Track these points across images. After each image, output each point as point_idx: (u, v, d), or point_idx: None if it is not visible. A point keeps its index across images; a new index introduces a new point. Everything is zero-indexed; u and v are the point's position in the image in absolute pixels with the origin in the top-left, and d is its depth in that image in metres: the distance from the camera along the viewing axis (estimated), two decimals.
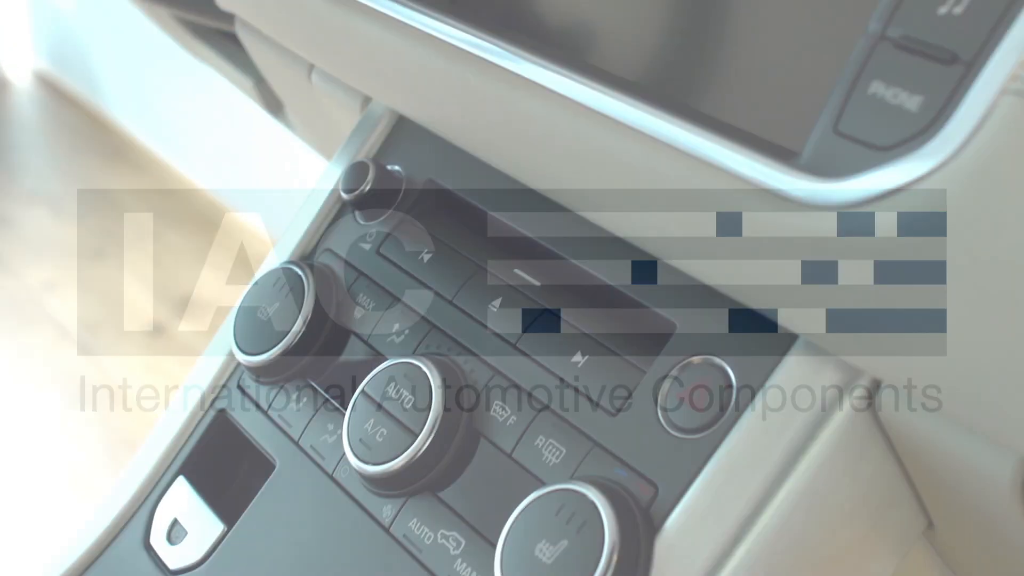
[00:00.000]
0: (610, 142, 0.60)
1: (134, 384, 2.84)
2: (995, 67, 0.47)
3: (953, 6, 0.50)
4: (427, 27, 0.70)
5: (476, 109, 0.68)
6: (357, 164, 0.77)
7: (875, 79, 0.51)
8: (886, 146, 0.50)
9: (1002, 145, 0.46)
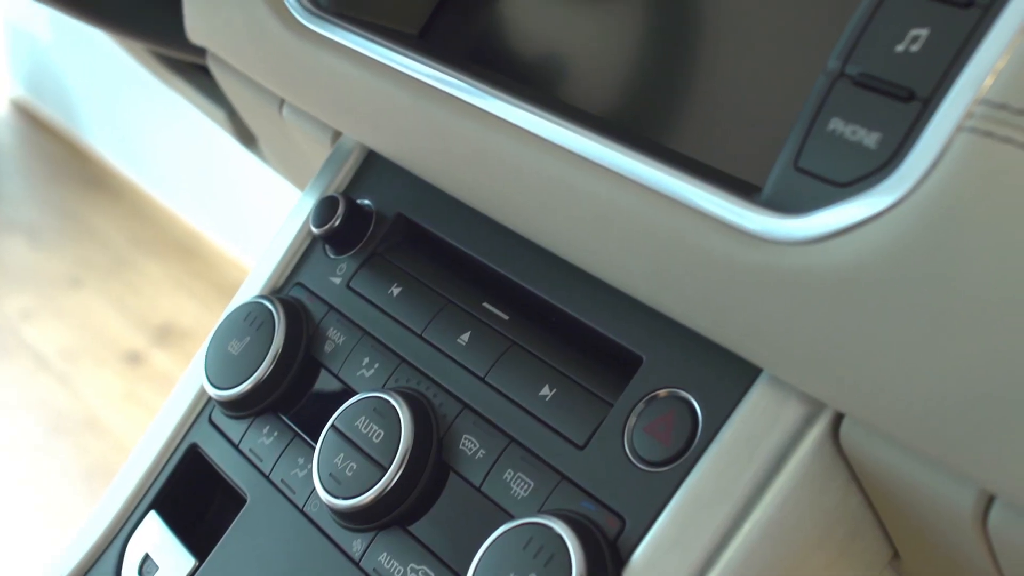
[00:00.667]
0: (574, 177, 0.60)
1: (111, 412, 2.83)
2: (951, 104, 0.48)
3: (910, 44, 0.50)
4: (395, 63, 0.71)
5: (443, 144, 0.68)
6: (327, 199, 0.78)
7: (834, 116, 0.52)
8: (845, 182, 0.51)
9: (958, 182, 0.46)
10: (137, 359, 3.02)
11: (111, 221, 3.60)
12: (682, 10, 0.67)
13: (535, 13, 0.75)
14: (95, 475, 2.66)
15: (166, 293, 3.26)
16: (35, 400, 2.91)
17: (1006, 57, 0.47)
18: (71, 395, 2.91)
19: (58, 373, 2.99)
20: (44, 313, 3.22)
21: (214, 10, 0.87)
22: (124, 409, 2.85)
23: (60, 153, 4.03)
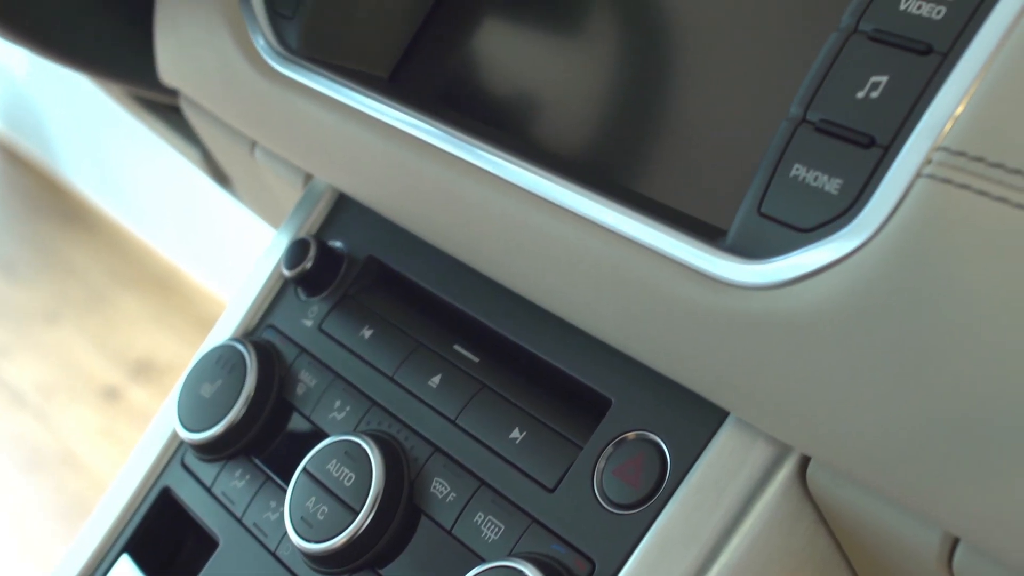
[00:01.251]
0: (542, 222, 0.61)
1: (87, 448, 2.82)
2: (910, 151, 0.48)
3: (870, 91, 0.51)
4: (364, 107, 0.71)
5: (413, 188, 0.69)
6: (299, 242, 0.78)
7: (796, 162, 0.53)
8: (807, 228, 0.51)
9: (917, 228, 0.47)
10: (114, 395, 3.01)
11: (88, 256, 3.59)
12: (650, 54, 0.68)
13: (505, 55, 0.75)
14: (72, 512, 2.65)
15: (144, 328, 3.25)
16: (11, 436, 2.89)
17: (964, 104, 0.47)
18: (47, 431, 2.89)
19: (34, 409, 2.97)
20: (20, 348, 3.21)
21: (186, 53, 0.87)
22: (101, 445, 2.83)
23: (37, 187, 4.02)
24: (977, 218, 0.45)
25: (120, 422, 2.91)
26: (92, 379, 3.08)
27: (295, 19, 0.78)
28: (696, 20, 0.66)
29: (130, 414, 2.94)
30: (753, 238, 0.53)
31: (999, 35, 0.48)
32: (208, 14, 0.83)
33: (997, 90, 0.47)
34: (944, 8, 0.50)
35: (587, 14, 0.72)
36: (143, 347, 3.17)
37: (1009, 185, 0.45)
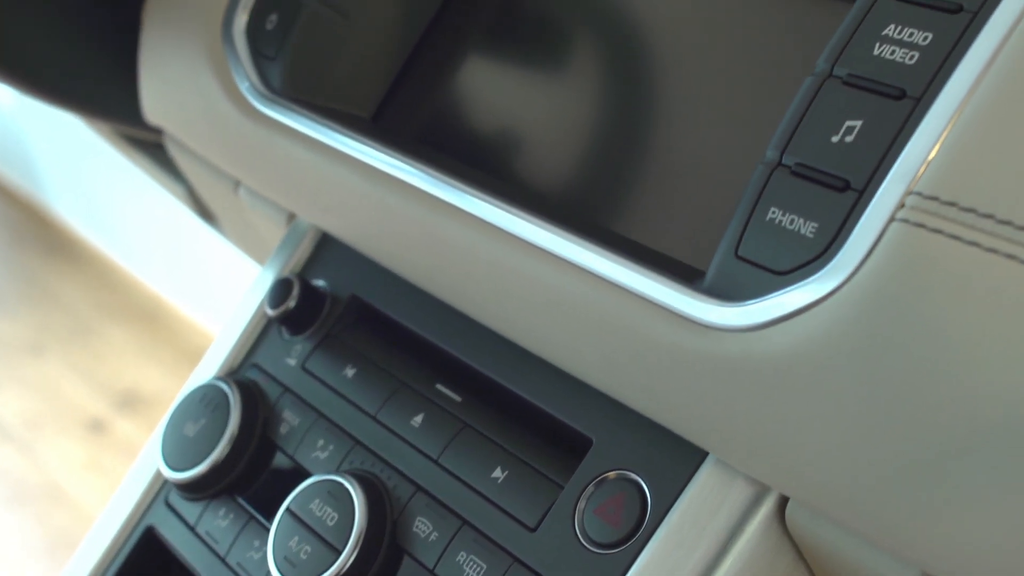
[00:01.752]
0: (522, 263, 0.61)
1: (73, 482, 2.81)
2: (884, 195, 0.49)
3: (845, 135, 0.52)
4: (346, 147, 0.72)
5: (394, 229, 0.69)
6: (282, 281, 0.78)
7: (772, 205, 0.53)
8: (784, 270, 0.52)
9: (891, 271, 0.48)
10: (100, 427, 3.00)
11: (74, 287, 3.59)
12: (630, 96, 0.69)
13: (486, 96, 0.76)
14: (57, 545, 2.64)
15: (129, 360, 3.24)
16: None
17: (936, 149, 0.48)
18: (32, 464, 2.89)
19: (19, 442, 2.97)
20: (5, 380, 3.20)
21: (170, 92, 0.88)
22: (86, 478, 2.83)
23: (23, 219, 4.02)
24: (950, 262, 0.46)
25: (106, 454, 2.91)
26: (78, 411, 3.07)
27: (278, 60, 0.78)
28: (676, 63, 0.67)
29: (116, 446, 2.93)
30: (730, 280, 0.54)
31: (971, 81, 0.49)
32: (192, 54, 0.83)
33: (969, 135, 0.47)
34: (917, 53, 0.51)
35: (569, 56, 0.73)
36: (129, 379, 3.17)
37: (980, 229, 0.46)
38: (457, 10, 0.80)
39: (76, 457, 2.91)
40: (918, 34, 0.52)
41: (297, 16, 0.78)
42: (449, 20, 0.80)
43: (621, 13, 0.72)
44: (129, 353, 3.28)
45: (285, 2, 0.79)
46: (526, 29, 0.76)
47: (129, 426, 3.00)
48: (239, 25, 0.81)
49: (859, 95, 0.52)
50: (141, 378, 3.16)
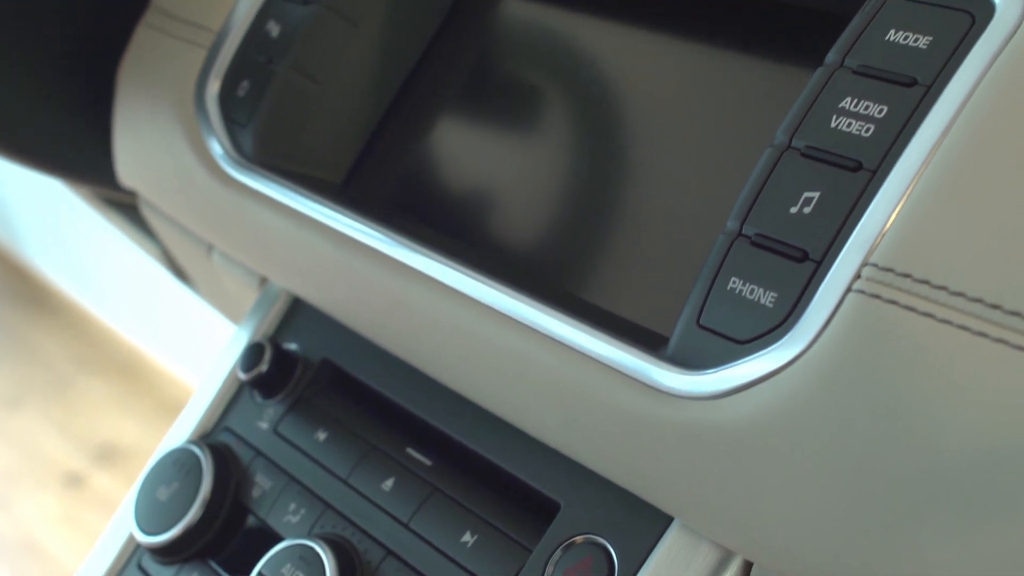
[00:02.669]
0: (488, 330, 0.62)
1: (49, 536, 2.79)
2: (841, 266, 0.50)
3: (803, 206, 0.53)
4: (316, 214, 0.73)
5: (363, 294, 0.70)
6: (254, 346, 0.79)
7: (733, 275, 0.54)
8: (744, 340, 0.53)
9: (849, 342, 0.49)
10: (77, 481, 2.99)
11: (52, 340, 3.58)
12: (596, 164, 0.70)
13: (454, 161, 0.77)
14: None
15: (108, 413, 3.23)
16: None
17: (892, 221, 0.49)
18: (9, 518, 2.87)
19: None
20: None
21: (144, 156, 0.89)
22: (63, 533, 2.81)
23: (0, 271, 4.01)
24: (904, 333, 0.47)
25: (83, 509, 2.89)
26: (55, 465, 3.06)
27: (249, 127, 0.79)
28: (643, 130, 0.68)
29: (93, 500, 2.92)
30: (692, 349, 0.55)
31: (924, 153, 0.50)
32: (165, 119, 0.84)
33: (922, 207, 0.49)
34: (872, 126, 0.52)
35: (537, 121, 0.74)
36: (106, 432, 3.15)
37: (934, 300, 0.47)
38: (426, 76, 0.81)
39: (53, 511, 2.89)
40: (873, 107, 0.53)
41: (268, 84, 0.79)
42: (418, 86, 0.81)
43: (589, 81, 0.73)
44: (107, 406, 3.27)
45: (256, 70, 0.80)
46: (495, 95, 0.77)
47: (106, 480, 2.99)
48: (211, 92, 0.82)
49: (817, 167, 0.53)
50: (119, 431, 3.15)
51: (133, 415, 3.20)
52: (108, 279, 3.50)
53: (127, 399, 3.27)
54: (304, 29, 0.79)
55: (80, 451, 3.09)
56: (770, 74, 0.65)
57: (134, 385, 3.32)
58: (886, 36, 0.54)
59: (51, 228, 3.73)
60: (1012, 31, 0.51)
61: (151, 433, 3.11)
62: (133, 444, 3.10)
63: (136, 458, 3.03)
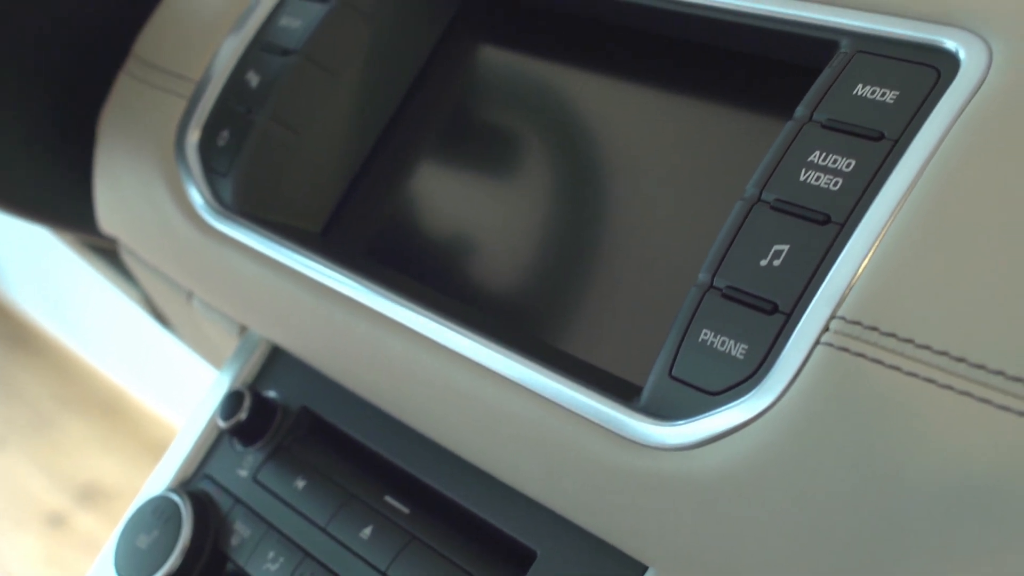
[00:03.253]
0: (464, 380, 0.63)
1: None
2: (810, 318, 0.51)
3: (773, 259, 0.54)
4: (295, 263, 0.73)
5: (342, 344, 0.71)
6: (233, 394, 0.79)
7: (704, 327, 0.55)
8: (716, 391, 0.54)
9: (817, 394, 0.49)
10: (60, 521, 2.97)
11: (34, 379, 3.57)
12: (573, 214, 0.70)
13: (433, 210, 0.78)
14: None
15: (90, 452, 3.22)
16: None
17: (859, 274, 0.50)
18: None
19: None
20: None
21: (124, 204, 0.89)
22: (46, 574, 2.80)
23: None
24: (872, 386, 0.48)
25: (65, 549, 2.88)
26: (37, 505, 3.05)
27: (229, 176, 0.80)
28: (619, 180, 0.69)
29: (76, 541, 2.90)
30: (665, 400, 0.55)
31: (891, 207, 0.51)
32: (146, 168, 0.85)
33: (889, 261, 0.49)
34: (840, 180, 0.53)
35: (515, 170, 0.75)
36: (89, 472, 3.14)
37: (901, 353, 0.47)
38: (404, 125, 0.82)
39: (35, 552, 2.88)
40: (841, 161, 0.54)
41: (248, 133, 0.80)
42: (396, 134, 0.82)
43: (565, 130, 0.74)
44: (89, 446, 3.26)
45: (236, 120, 0.81)
46: (472, 144, 0.78)
47: (89, 520, 2.97)
48: (191, 141, 0.83)
49: (786, 220, 0.54)
50: (102, 471, 3.14)
51: (116, 455, 3.20)
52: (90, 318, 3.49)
53: (110, 439, 3.27)
54: (283, 80, 0.80)
55: (63, 491, 3.08)
56: (744, 125, 0.66)
57: (117, 425, 3.31)
58: (854, 90, 0.55)
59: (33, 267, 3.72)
60: (977, 86, 0.52)
61: (134, 473, 3.10)
62: (116, 484, 3.09)
63: (119, 498, 3.02)
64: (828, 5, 0.59)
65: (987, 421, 0.45)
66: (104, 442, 3.25)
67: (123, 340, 3.33)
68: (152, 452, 3.10)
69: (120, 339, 3.35)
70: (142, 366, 3.30)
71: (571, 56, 0.76)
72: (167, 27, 0.91)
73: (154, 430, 3.25)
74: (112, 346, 3.45)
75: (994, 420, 0.45)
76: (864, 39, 0.57)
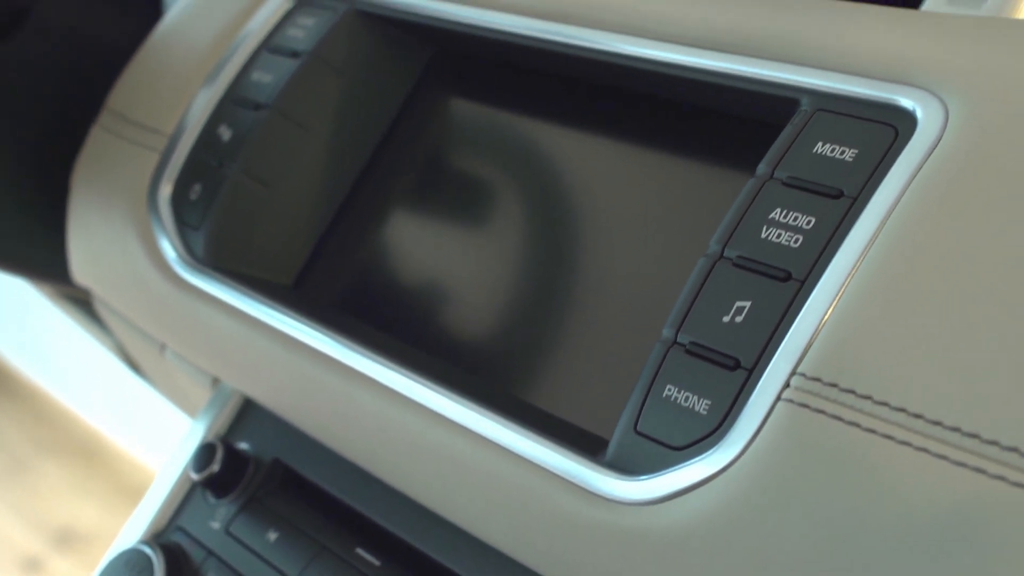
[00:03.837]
0: (432, 434, 0.64)
1: None
2: (772, 375, 0.52)
3: (735, 315, 0.54)
4: (267, 317, 0.74)
5: (313, 397, 0.71)
6: (206, 446, 0.80)
7: (669, 383, 0.56)
8: (680, 446, 0.54)
9: (779, 449, 0.50)
10: (36, 565, 2.96)
11: (10, 422, 3.55)
12: (543, 267, 0.71)
13: (403, 261, 0.78)
14: None
15: (67, 496, 3.21)
16: None
17: (819, 331, 0.51)
18: None
19: None
20: None
21: (97, 256, 0.90)
22: None
23: None
24: (831, 441, 0.49)
25: None
26: (13, 549, 3.03)
27: (201, 229, 0.80)
28: (584, 237, 0.70)
29: None
30: (630, 455, 0.56)
31: (851, 264, 0.52)
32: (119, 221, 0.86)
33: (848, 318, 0.50)
34: (801, 237, 0.54)
35: (484, 224, 0.76)
36: (66, 516, 3.13)
37: (859, 410, 0.48)
38: (376, 178, 0.83)
39: None
40: (802, 218, 0.55)
41: (220, 187, 0.80)
42: (367, 187, 0.83)
43: (533, 184, 0.75)
44: (67, 490, 3.24)
45: (208, 173, 0.81)
46: (442, 197, 0.79)
47: (66, 564, 2.96)
48: (164, 195, 0.83)
49: (748, 276, 0.55)
50: (78, 515, 3.12)
51: (93, 499, 3.18)
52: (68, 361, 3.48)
53: (87, 483, 3.25)
54: (255, 133, 0.80)
55: (39, 535, 3.07)
56: (711, 178, 0.67)
57: (94, 469, 3.30)
58: (814, 148, 0.56)
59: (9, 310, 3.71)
60: (933, 144, 0.53)
61: (111, 517, 3.09)
62: (92, 528, 3.07)
63: (96, 542, 3.01)
64: (789, 64, 0.60)
65: (944, 476, 0.46)
66: (81, 486, 3.24)
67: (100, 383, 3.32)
68: (130, 496, 3.08)
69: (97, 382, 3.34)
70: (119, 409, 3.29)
71: (541, 110, 0.77)
72: (140, 81, 0.91)
73: (132, 474, 3.24)
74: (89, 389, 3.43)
75: (951, 475, 0.46)
76: (824, 97, 0.58)
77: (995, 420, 0.45)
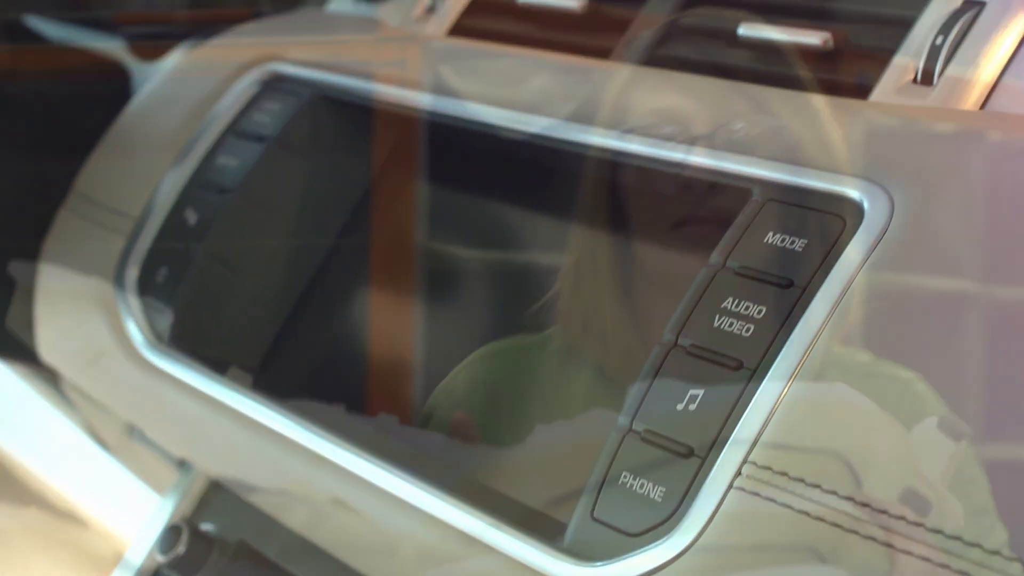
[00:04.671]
0: (394, 518, 0.64)
1: None
2: (724, 463, 0.52)
3: (689, 403, 0.55)
4: (231, 400, 0.75)
5: (276, 480, 0.72)
6: (171, 528, 0.80)
7: (625, 470, 0.56)
8: (636, 533, 0.55)
9: (731, 535, 0.51)
10: None
11: None
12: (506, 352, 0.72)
13: (367, 342, 0.79)
14: None
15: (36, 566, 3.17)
16: None
17: (769, 420, 0.52)
18: None
19: None
20: None
21: (64, 337, 0.91)
22: None
23: None
24: (781, 529, 0.49)
25: None
26: None
27: (167, 312, 0.81)
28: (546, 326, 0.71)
29: None
30: (587, 541, 0.57)
31: (800, 353, 0.53)
32: (85, 304, 0.86)
33: (797, 407, 0.51)
34: (752, 326, 0.55)
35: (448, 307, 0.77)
36: None
37: (808, 498, 0.49)
38: (341, 259, 0.83)
39: None
40: (753, 307, 0.56)
41: (186, 270, 0.81)
42: (333, 269, 0.84)
43: (495, 267, 0.76)
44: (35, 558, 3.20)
45: (175, 256, 0.82)
46: (409, 278, 0.80)
47: None
48: (131, 277, 0.84)
49: (701, 365, 0.56)
50: None
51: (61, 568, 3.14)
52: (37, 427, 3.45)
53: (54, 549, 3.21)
54: (220, 217, 0.81)
55: None
56: (666, 262, 0.68)
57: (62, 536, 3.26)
58: (765, 238, 0.58)
59: None
60: (880, 235, 0.54)
61: None
62: None
63: None
64: (742, 155, 0.62)
65: (889, 564, 0.47)
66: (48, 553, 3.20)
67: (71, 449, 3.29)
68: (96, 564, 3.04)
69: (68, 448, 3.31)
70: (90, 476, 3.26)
71: (505, 194, 0.78)
72: (107, 164, 0.93)
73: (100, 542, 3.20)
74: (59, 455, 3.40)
75: (895, 562, 0.46)
76: (774, 188, 0.59)
77: (942, 511, 0.46)
